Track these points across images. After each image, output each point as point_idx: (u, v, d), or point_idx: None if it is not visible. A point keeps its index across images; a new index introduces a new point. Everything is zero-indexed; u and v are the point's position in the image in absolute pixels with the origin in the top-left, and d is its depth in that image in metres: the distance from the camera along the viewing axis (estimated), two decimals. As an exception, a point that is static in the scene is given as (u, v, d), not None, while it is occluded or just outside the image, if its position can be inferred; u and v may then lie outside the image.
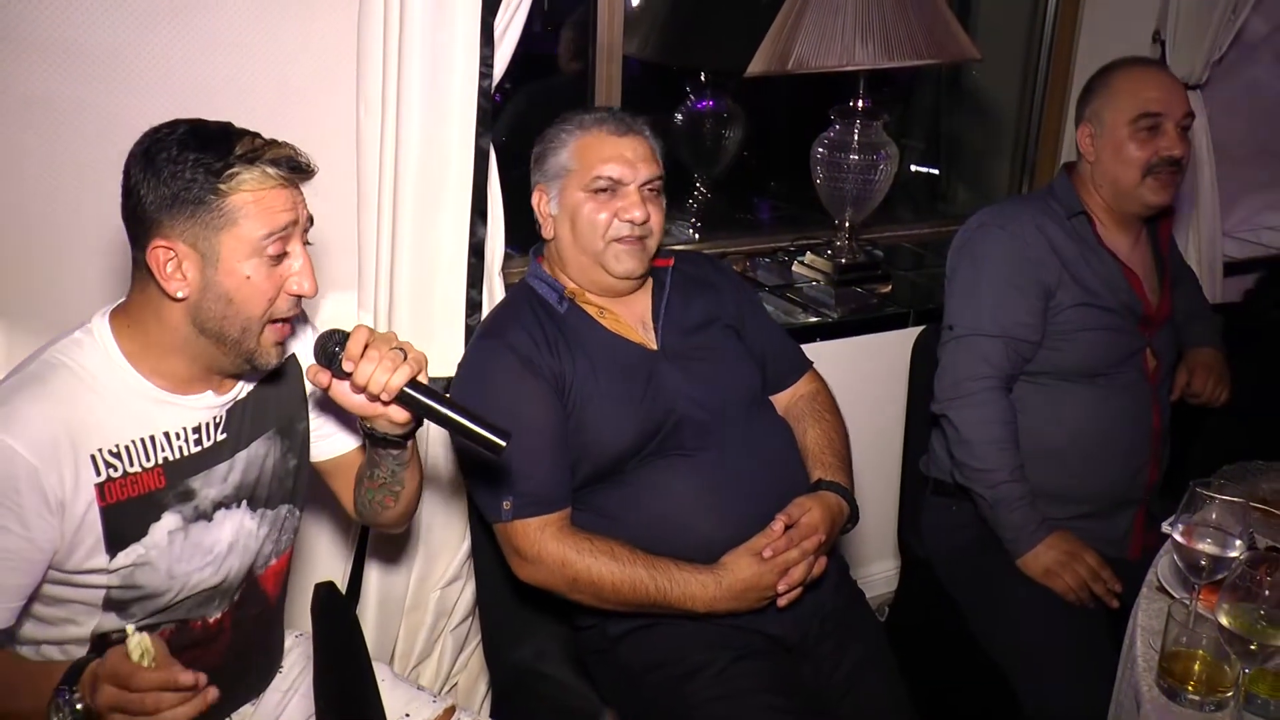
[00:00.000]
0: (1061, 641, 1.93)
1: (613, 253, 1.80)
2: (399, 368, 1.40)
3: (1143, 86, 2.07)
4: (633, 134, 1.82)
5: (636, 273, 1.82)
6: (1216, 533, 1.49)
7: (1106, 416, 2.11)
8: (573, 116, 1.85)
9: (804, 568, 1.73)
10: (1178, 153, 2.06)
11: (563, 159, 1.82)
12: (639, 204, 1.78)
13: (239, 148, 1.34)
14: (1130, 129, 2.06)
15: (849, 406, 2.15)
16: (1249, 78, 3.62)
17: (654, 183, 1.82)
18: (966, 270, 2.12)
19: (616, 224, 1.79)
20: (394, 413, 1.45)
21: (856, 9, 2.36)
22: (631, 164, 1.79)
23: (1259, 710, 1.41)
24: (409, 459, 1.59)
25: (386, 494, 1.63)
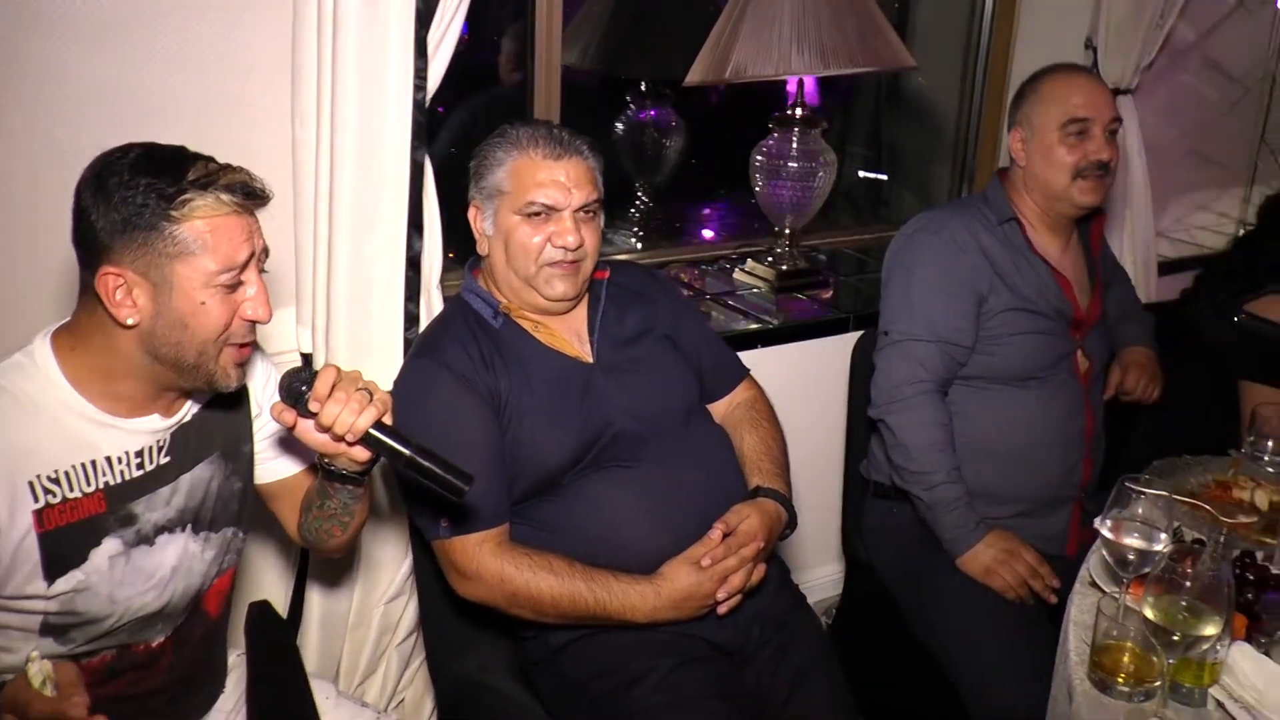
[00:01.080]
0: (1002, 639, 1.95)
1: (544, 276, 1.78)
2: (366, 409, 1.39)
3: (1071, 92, 2.11)
4: (569, 156, 1.78)
5: (569, 295, 1.81)
6: (1143, 527, 1.52)
7: (1040, 417, 2.14)
8: (510, 131, 1.81)
9: (743, 575, 1.73)
10: (1105, 156, 2.10)
11: (498, 178, 1.79)
12: (573, 230, 1.76)
13: (192, 173, 1.32)
14: (1059, 134, 2.10)
15: (790, 412, 2.17)
16: (1179, 83, 3.72)
17: (590, 206, 1.79)
18: (900, 276, 2.15)
19: (549, 249, 1.77)
20: (356, 452, 1.44)
21: (793, 18, 2.39)
22: (567, 189, 1.76)
23: (1184, 698, 1.44)
24: (363, 494, 1.58)
25: (335, 524, 1.61)
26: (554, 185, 1.75)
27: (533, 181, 1.76)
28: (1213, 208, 4.05)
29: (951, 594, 2.04)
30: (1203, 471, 2.09)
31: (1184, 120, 3.78)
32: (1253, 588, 1.62)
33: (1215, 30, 3.70)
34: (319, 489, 1.58)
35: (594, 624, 1.72)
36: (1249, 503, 1.96)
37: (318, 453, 1.48)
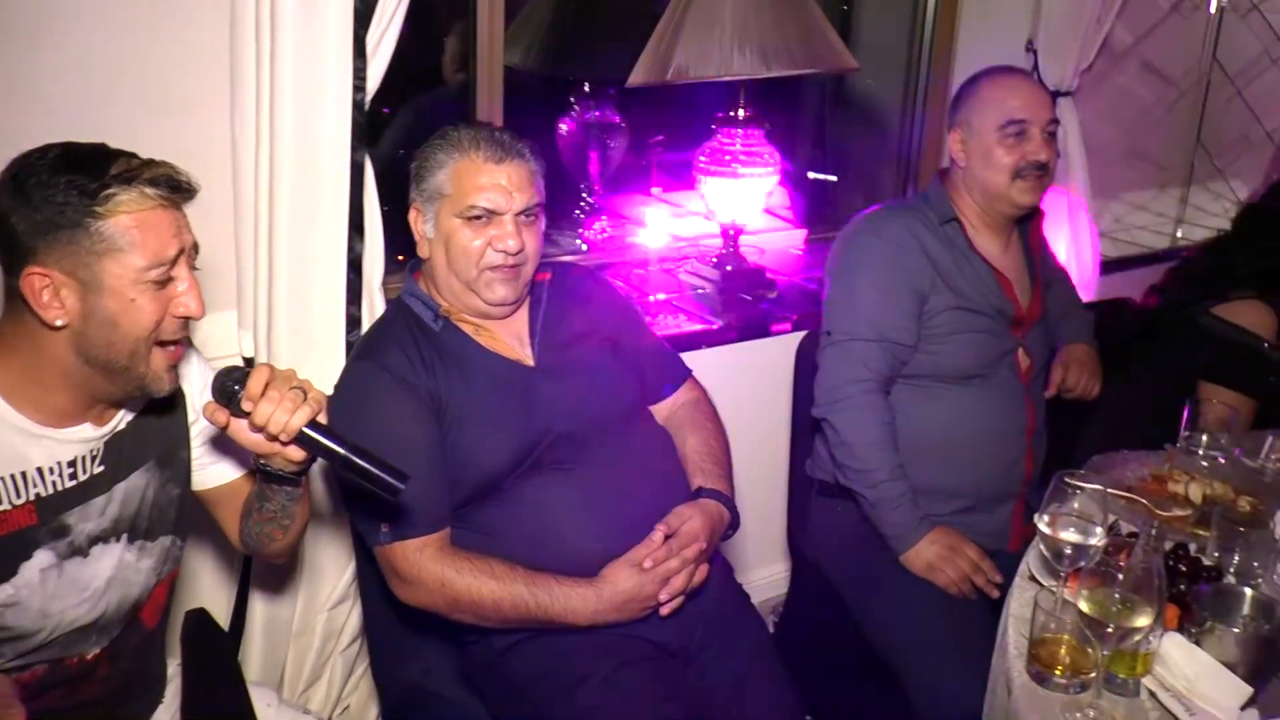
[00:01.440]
0: (945, 634, 1.97)
1: (485, 280, 1.77)
2: (299, 409, 1.37)
3: (1008, 94, 2.13)
4: (511, 159, 1.76)
5: (510, 299, 1.80)
6: (1079, 522, 1.54)
7: (982, 415, 2.17)
8: (451, 134, 1.79)
9: (685, 576, 1.74)
10: (1043, 157, 2.13)
11: (439, 180, 1.77)
12: (514, 233, 1.74)
13: (115, 168, 1.30)
14: (998, 135, 2.12)
15: (736, 412, 2.17)
16: (1119, 85, 3.79)
17: (531, 209, 1.77)
18: (843, 276, 2.16)
19: (490, 253, 1.75)
20: (291, 452, 1.42)
21: (734, 20, 2.39)
22: (508, 192, 1.74)
23: (1118, 689, 1.46)
24: (301, 494, 1.56)
25: (275, 527, 1.59)
26: (495, 189, 1.74)
27: (473, 184, 1.74)
28: (1152, 207, 4.13)
29: (895, 590, 2.05)
30: (1139, 466, 2.12)
31: (1123, 121, 3.86)
32: (1185, 579, 1.65)
33: (1152, 33, 3.78)
34: (257, 491, 1.56)
35: (536, 627, 1.72)
36: (1183, 496, 1.99)
37: (253, 453, 1.46)
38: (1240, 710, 1.40)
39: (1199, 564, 1.70)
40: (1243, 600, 1.57)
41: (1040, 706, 1.44)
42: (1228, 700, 1.40)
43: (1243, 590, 1.58)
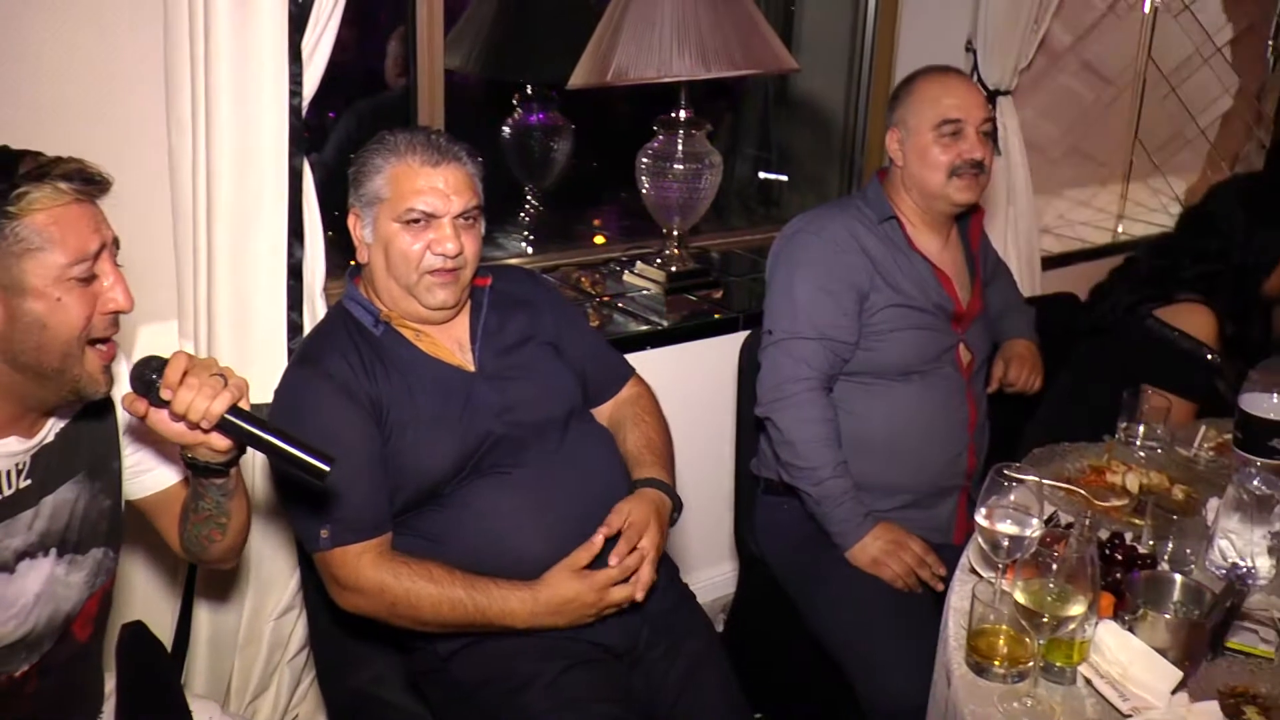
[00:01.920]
0: (891, 628, 1.99)
1: (425, 284, 1.76)
2: (219, 394, 1.35)
3: (943, 94, 2.16)
4: (449, 163, 1.75)
5: (449, 304, 1.79)
6: (1016, 513, 1.56)
7: (924, 410, 2.19)
8: (389, 138, 1.78)
9: (650, 567, 1.73)
10: (979, 155, 2.15)
11: (377, 185, 1.75)
12: (452, 237, 1.73)
13: (23, 167, 1.28)
14: (934, 134, 2.15)
15: (681, 412, 2.18)
16: (1058, 84, 3.85)
17: (470, 213, 1.77)
18: (783, 276, 2.17)
19: (429, 257, 1.74)
20: (215, 440, 1.40)
21: (673, 21, 2.41)
22: (446, 195, 1.73)
23: (1055, 677, 1.49)
24: (234, 489, 1.54)
25: (213, 527, 1.57)
26: (433, 192, 1.73)
27: (411, 188, 1.73)
28: (1093, 204, 4.21)
29: (841, 586, 2.07)
30: (1079, 458, 2.16)
31: (1064, 120, 3.92)
32: (1121, 567, 1.68)
33: (1090, 34, 3.85)
34: (191, 492, 1.54)
35: (476, 631, 1.71)
36: (1121, 487, 2.03)
37: (179, 447, 1.43)
38: (1171, 694, 1.42)
39: (1134, 552, 1.73)
40: (1173, 587, 1.60)
41: (979, 697, 1.45)
42: (1159, 685, 1.43)
43: (1173, 577, 1.62)
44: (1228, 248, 2.43)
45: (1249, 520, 1.76)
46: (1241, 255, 2.41)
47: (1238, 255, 2.41)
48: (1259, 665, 1.53)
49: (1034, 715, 1.42)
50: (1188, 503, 1.97)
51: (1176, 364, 2.39)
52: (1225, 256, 2.43)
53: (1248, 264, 2.41)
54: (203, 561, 1.69)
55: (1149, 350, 2.44)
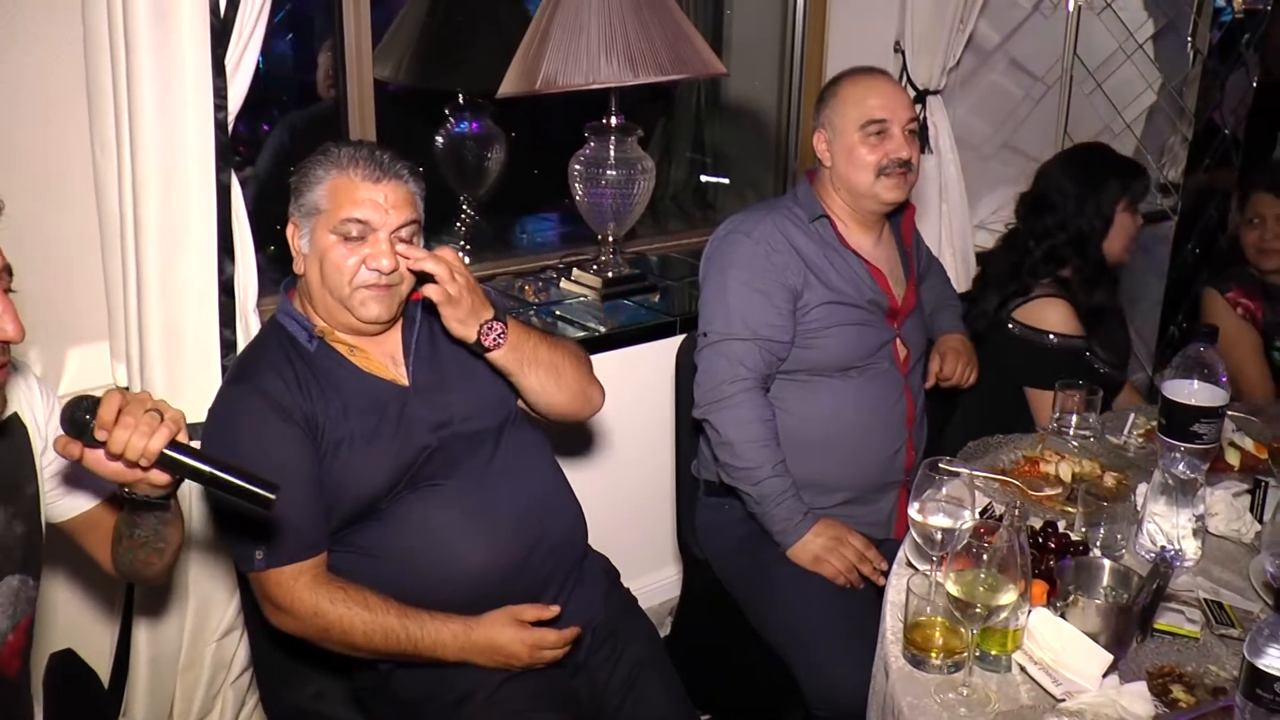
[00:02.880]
0: (834, 623, 2.00)
1: (359, 298, 1.74)
2: (157, 430, 1.32)
3: (867, 95, 2.18)
4: (389, 179, 1.73)
5: (384, 318, 1.77)
6: (950, 506, 1.59)
7: (862, 407, 2.21)
8: (333, 150, 1.76)
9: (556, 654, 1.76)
10: (905, 154, 2.17)
11: (316, 196, 1.74)
12: (387, 253, 1.71)
13: None
14: (860, 134, 2.16)
15: (622, 416, 2.19)
16: (989, 83, 3.92)
17: (408, 228, 1.75)
18: (715, 277, 2.18)
19: (364, 271, 1.72)
20: (155, 476, 1.37)
21: (600, 28, 2.41)
22: (383, 210, 1.71)
23: (990, 665, 1.51)
24: (172, 517, 1.51)
25: (150, 552, 1.54)
26: (370, 205, 1.71)
27: (350, 200, 1.71)
28: (1026, 199, 4.27)
29: (783, 585, 2.08)
30: (1013, 449, 2.20)
31: (995, 116, 3.99)
32: (1054, 555, 1.71)
33: (1017, 32, 3.92)
34: (125, 519, 1.50)
35: (405, 660, 1.70)
36: (1054, 476, 2.07)
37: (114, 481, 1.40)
38: (1102, 677, 1.45)
39: (1067, 540, 1.76)
40: (1103, 572, 1.64)
41: (915, 688, 1.47)
42: (1091, 668, 1.46)
43: (1103, 563, 1.65)
44: (1064, 219, 2.56)
45: (1174, 504, 1.81)
46: (1077, 223, 2.55)
47: (1073, 224, 2.55)
48: (1185, 645, 1.58)
49: (970, 704, 1.44)
50: (1118, 489, 2.02)
51: (1052, 363, 2.49)
52: (1064, 227, 2.56)
53: (1084, 230, 2.55)
54: (137, 581, 1.66)
55: (1025, 355, 2.54)
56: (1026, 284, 2.58)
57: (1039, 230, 2.59)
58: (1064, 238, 2.56)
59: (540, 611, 1.73)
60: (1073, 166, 2.64)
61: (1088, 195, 2.55)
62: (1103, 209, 2.55)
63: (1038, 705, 1.45)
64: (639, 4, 2.44)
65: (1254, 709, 1.26)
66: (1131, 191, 2.58)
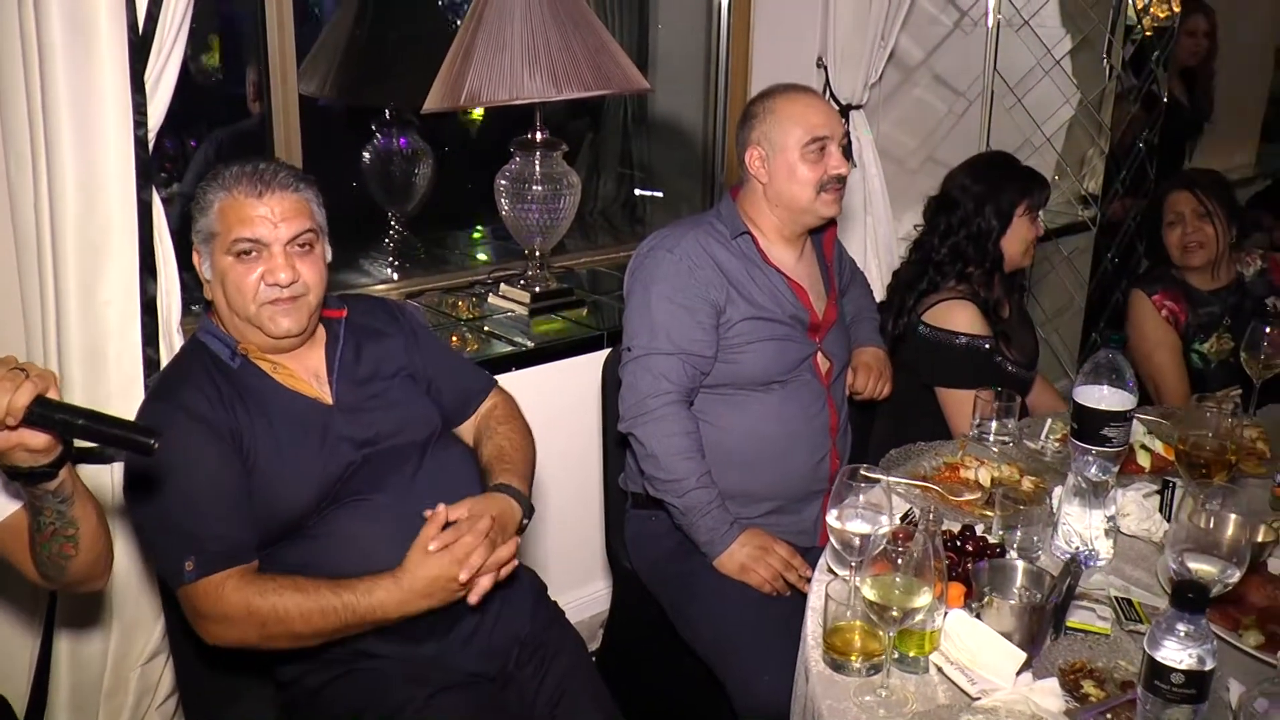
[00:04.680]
0: (761, 631, 2.02)
1: (267, 314, 1.74)
2: (21, 385, 1.29)
3: (808, 113, 2.20)
4: (273, 191, 1.72)
5: (295, 331, 1.77)
6: (867, 512, 1.62)
7: (785, 418, 2.24)
8: (222, 172, 1.75)
9: (481, 552, 1.70)
10: (844, 170, 2.21)
11: (209, 221, 1.73)
12: (284, 265, 1.71)
13: None
14: (801, 152, 2.19)
15: (549, 430, 2.19)
16: (913, 98, 4.00)
17: (303, 237, 1.75)
18: (639, 293, 2.20)
19: (264, 288, 1.72)
20: (29, 438, 1.32)
21: (523, 44, 2.43)
22: (272, 224, 1.71)
23: (908, 667, 1.55)
24: (71, 494, 1.45)
25: (62, 541, 1.49)
26: (259, 221, 1.71)
27: (238, 219, 1.71)
28: (950, 211, 4.36)
29: (710, 594, 2.10)
30: (935, 456, 2.25)
31: (919, 131, 4.07)
32: (972, 558, 1.76)
33: (939, 49, 4.01)
34: (30, 511, 1.47)
35: (351, 632, 1.68)
36: (974, 481, 2.12)
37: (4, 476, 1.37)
38: (1016, 674, 1.49)
39: (984, 543, 1.81)
40: (1016, 573, 1.68)
41: (835, 692, 1.50)
42: (1005, 667, 1.49)
43: (1017, 564, 1.70)
44: (965, 216, 2.66)
45: (1087, 505, 1.87)
46: (976, 220, 2.64)
47: (973, 221, 2.64)
48: (1097, 641, 1.63)
49: (888, 705, 1.47)
50: (1035, 492, 2.07)
51: (958, 363, 2.57)
52: (965, 224, 2.65)
53: (982, 228, 2.64)
54: (67, 585, 1.59)
55: (935, 357, 2.61)
56: (935, 282, 2.66)
57: (942, 229, 2.68)
58: (964, 234, 2.65)
59: (435, 521, 1.71)
60: (977, 170, 2.74)
61: (988, 196, 2.64)
62: (1001, 208, 2.63)
63: (954, 704, 1.48)
64: (562, 21, 2.47)
65: (1154, 700, 1.31)
66: (1031, 197, 2.66)
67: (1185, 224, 3.02)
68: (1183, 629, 1.30)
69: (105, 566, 1.61)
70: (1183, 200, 3.03)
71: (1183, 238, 3.03)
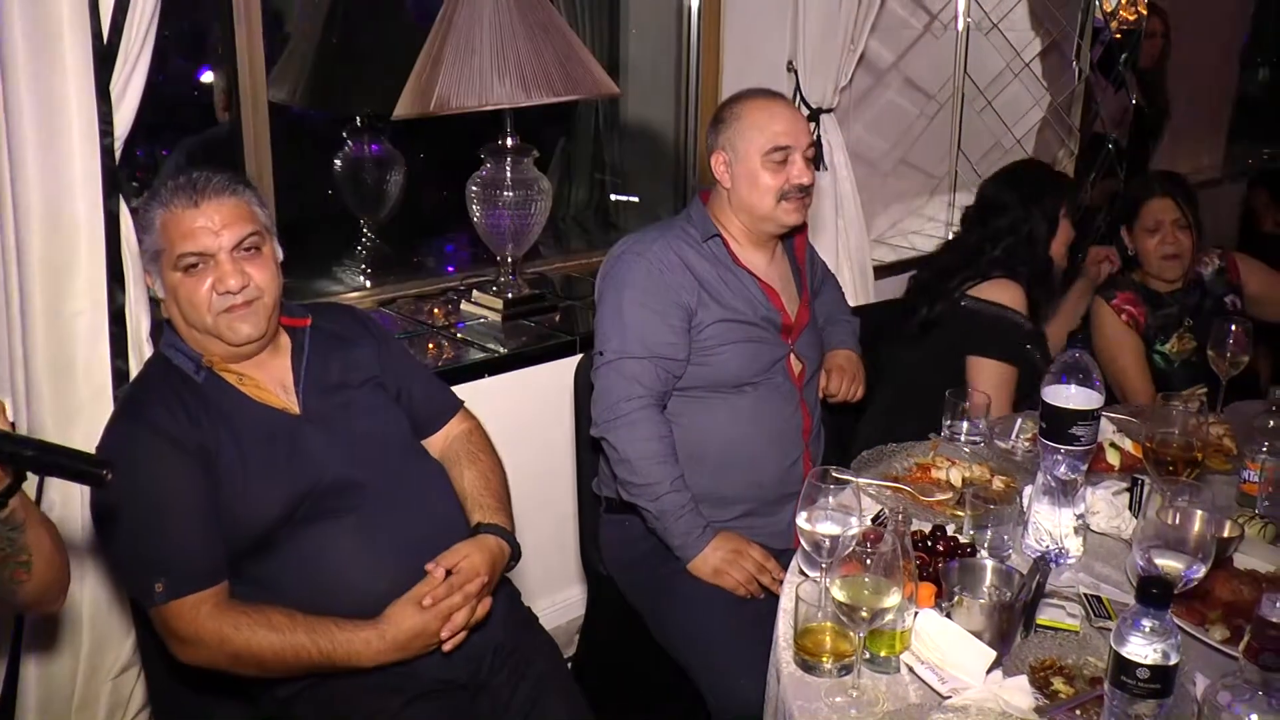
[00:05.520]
0: (736, 634, 2.02)
1: (225, 324, 1.73)
2: None
3: (772, 121, 2.19)
4: (208, 199, 1.70)
5: (256, 335, 1.76)
6: (836, 513, 1.63)
7: (758, 421, 2.24)
8: (159, 189, 1.73)
9: (466, 612, 1.73)
10: (806, 180, 2.20)
11: (154, 239, 1.72)
12: (233, 272, 1.70)
13: None
14: (763, 159, 2.18)
15: (523, 436, 2.19)
16: (885, 101, 4.02)
17: (248, 240, 1.73)
18: (610, 297, 2.19)
19: (216, 298, 1.71)
20: None
21: (492, 50, 2.44)
22: (213, 233, 1.70)
23: (880, 667, 1.55)
24: (22, 522, 1.42)
25: (14, 568, 1.46)
26: (199, 232, 1.69)
27: (178, 234, 1.69)
28: (923, 213, 4.40)
29: (685, 598, 2.10)
30: (906, 457, 2.26)
31: (891, 134, 4.10)
32: (943, 558, 1.77)
33: (910, 52, 4.04)
34: None
35: (321, 674, 1.69)
36: (945, 481, 2.13)
37: None
38: (986, 673, 1.50)
39: (955, 543, 1.82)
40: (986, 572, 1.69)
41: (806, 693, 1.51)
42: (976, 666, 1.50)
43: (986, 563, 1.71)
44: (1015, 222, 2.74)
45: (1057, 504, 1.88)
46: (1028, 225, 2.73)
47: (1024, 227, 2.73)
48: (1066, 638, 1.64)
49: (859, 705, 1.48)
50: (1006, 492, 2.08)
51: (996, 331, 2.62)
52: (1015, 230, 2.74)
53: (1035, 232, 2.73)
54: (20, 608, 1.58)
55: (971, 324, 2.66)
56: (984, 270, 2.73)
57: (993, 233, 2.75)
58: (1014, 240, 2.73)
59: (431, 584, 1.72)
60: (1016, 177, 2.84)
61: (1033, 201, 2.73)
62: (1049, 213, 2.73)
63: (925, 703, 1.49)
64: (531, 26, 2.47)
65: (1120, 695, 1.32)
66: (1070, 199, 2.79)
67: (1165, 233, 3.03)
68: (1148, 624, 1.31)
69: (60, 590, 1.59)
70: (1164, 209, 3.03)
71: (1161, 245, 3.04)
